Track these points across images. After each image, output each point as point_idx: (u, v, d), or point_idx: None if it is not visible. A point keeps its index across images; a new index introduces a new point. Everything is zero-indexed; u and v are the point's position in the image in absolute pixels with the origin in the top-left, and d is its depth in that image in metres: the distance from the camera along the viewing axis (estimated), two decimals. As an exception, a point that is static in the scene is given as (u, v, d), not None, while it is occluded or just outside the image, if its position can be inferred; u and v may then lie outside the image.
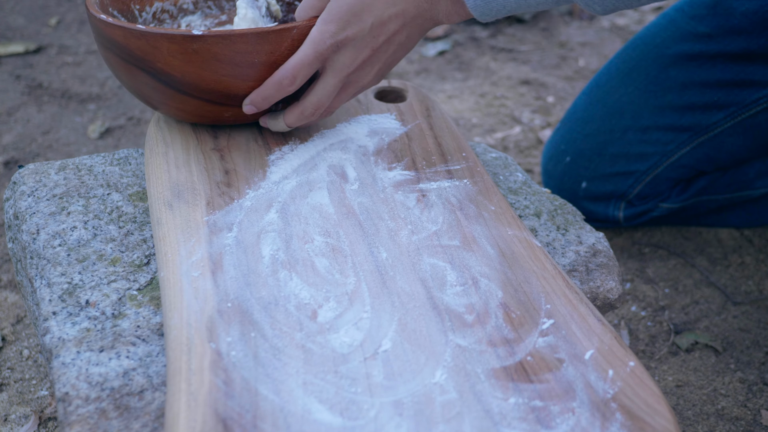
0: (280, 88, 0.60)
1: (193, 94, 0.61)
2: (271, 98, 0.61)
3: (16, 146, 1.28)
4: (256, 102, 0.61)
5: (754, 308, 0.94)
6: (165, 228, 0.55)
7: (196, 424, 0.41)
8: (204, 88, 0.60)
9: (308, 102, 0.62)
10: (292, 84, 0.60)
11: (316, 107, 0.62)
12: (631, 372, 0.46)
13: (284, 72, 0.60)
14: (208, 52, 0.58)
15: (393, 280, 0.52)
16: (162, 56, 0.59)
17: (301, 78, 0.60)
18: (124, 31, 0.59)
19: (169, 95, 0.62)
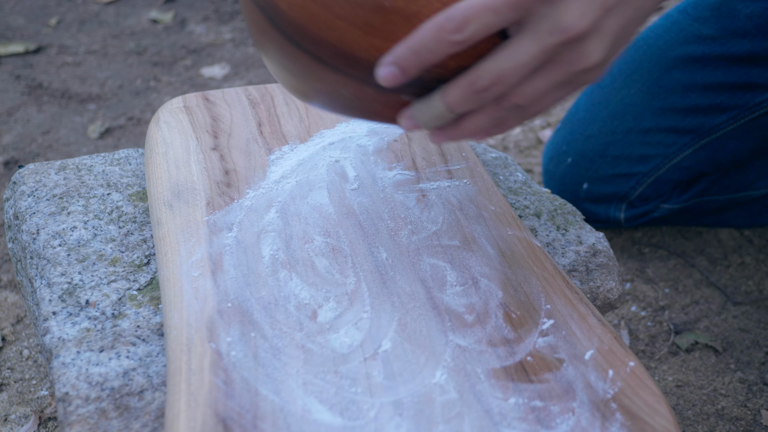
0: (439, 37, 0.39)
1: (301, 43, 0.43)
2: (423, 53, 0.39)
3: (16, 146, 1.28)
4: (401, 59, 0.40)
5: (754, 308, 0.94)
6: (165, 228, 0.55)
7: (196, 424, 0.41)
8: (313, 36, 0.42)
9: (484, 70, 0.40)
10: (458, 31, 0.38)
11: (495, 80, 0.40)
12: (631, 372, 0.46)
13: (450, 13, 0.38)
14: None
15: (393, 280, 0.52)
16: None
17: (476, 27, 0.38)
18: None
19: (275, 43, 0.45)
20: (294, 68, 0.45)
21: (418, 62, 0.40)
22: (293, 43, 0.43)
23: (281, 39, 0.44)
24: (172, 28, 1.82)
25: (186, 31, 1.80)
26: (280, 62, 0.46)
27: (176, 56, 1.66)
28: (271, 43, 0.45)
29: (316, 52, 0.43)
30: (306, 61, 0.44)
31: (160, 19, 1.86)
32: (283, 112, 0.70)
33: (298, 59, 0.44)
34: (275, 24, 0.44)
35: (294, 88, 0.48)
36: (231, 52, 1.70)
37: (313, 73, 0.44)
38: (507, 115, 0.43)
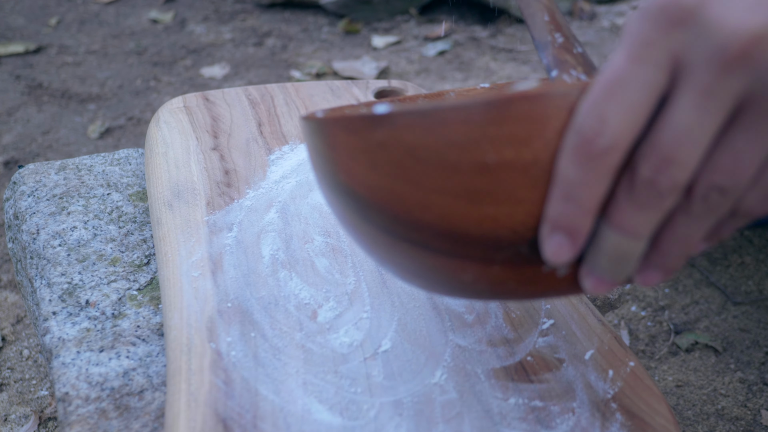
0: (588, 159, 0.29)
1: (394, 232, 0.34)
2: (581, 194, 0.29)
3: (16, 146, 1.28)
4: (565, 221, 0.30)
5: (754, 308, 0.94)
6: (165, 228, 0.55)
7: (196, 424, 0.41)
8: (406, 221, 0.33)
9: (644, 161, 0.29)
10: (601, 133, 0.28)
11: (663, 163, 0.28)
12: (631, 372, 0.46)
13: (584, 117, 0.29)
14: (399, 145, 0.32)
15: (393, 280, 0.52)
16: (341, 160, 0.34)
17: (618, 118, 0.28)
18: (304, 124, 0.37)
19: (367, 235, 0.36)
20: (400, 261, 0.35)
21: (581, 210, 0.30)
22: (387, 233, 0.34)
23: (371, 228, 0.35)
24: (172, 28, 1.82)
25: (186, 31, 1.80)
26: (383, 257, 0.37)
27: (176, 56, 1.66)
28: (364, 236, 0.36)
29: (417, 238, 0.33)
30: (408, 250, 0.34)
31: (160, 19, 1.86)
32: (283, 112, 0.70)
33: (398, 250, 0.35)
34: (361, 214, 0.35)
35: (410, 282, 0.38)
36: (231, 52, 1.70)
37: (421, 263, 0.34)
38: (710, 208, 0.30)
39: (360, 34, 1.80)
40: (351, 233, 0.38)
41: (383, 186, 0.33)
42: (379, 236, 0.35)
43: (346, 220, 0.37)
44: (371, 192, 0.33)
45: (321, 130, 0.35)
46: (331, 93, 0.73)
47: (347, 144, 0.33)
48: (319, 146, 0.36)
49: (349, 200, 0.35)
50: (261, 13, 1.91)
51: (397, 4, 1.89)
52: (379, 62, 1.63)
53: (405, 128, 0.31)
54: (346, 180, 0.34)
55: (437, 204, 0.32)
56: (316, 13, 1.92)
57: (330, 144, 0.34)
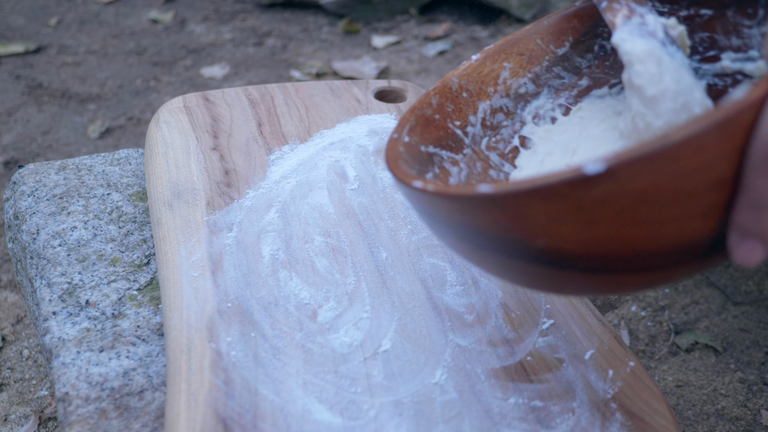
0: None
1: (611, 268, 0.34)
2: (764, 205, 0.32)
3: (16, 146, 1.28)
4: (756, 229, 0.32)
5: (754, 308, 0.94)
6: (165, 228, 0.55)
7: (196, 424, 0.41)
8: (629, 256, 0.33)
9: None
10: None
11: None
12: (631, 372, 0.46)
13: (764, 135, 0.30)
14: (625, 195, 0.31)
15: (393, 279, 0.52)
16: (540, 226, 0.33)
17: None
18: (456, 203, 0.35)
19: (565, 279, 0.36)
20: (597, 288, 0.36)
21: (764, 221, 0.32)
22: (598, 272, 0.34)
23: (574, 274, 0.35)
24: (172, 28, 1.82)
25: (186, 31, 1.80)
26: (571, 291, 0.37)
27: (176, 56, 1.66)
28: (557, 281, 0.36)
29: (637, 265, 0.34)
30: (617, 277, 0.35)
31: (160, 19, 1.86)
32: (283, 112, 0.70)
33: (605, 280, 0.35)
34: (563, 266, 0.35)
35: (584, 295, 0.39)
36: (231, 52, 1.70)
37: (631, 282, 0.35)
38: None
39: (360, 34, 1.80)
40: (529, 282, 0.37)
41: (603, 236, 0.32)
42: (582, 277, 0.35)
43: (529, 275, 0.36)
44: (585, 245, 0.33)
45: (497, 204, 0.33)
46: (331, 93, 0.73)
47: (547, 211, 0.32)
48: (495, 220, 0.34)
49: (547, 259, 0.34)
50: (261, 13, 1.91)
51: (397, 4, 1.89)
52: (379, 62, 1.63)
53: (630, 178, 0.30)
54: (547, 243, 0.33)
55: (670, 232, 0.32)
56: (316, 13, 1.92)
57: (517, 215, 0.33)
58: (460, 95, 0.48)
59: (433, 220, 0.38)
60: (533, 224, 0.33)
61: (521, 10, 1.81)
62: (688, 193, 0.31)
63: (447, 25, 1.81)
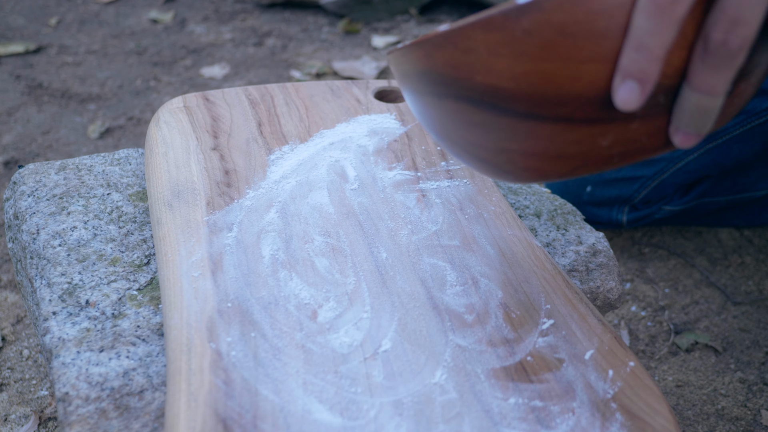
0: (657, 9, 0.33)
1: (540, 113, 0.37)
2: (649, 46, 0.34)
3: (16, 146, 1.28)
4: (635, 68, 0.34)
5: (754, 308, 0.94)
6: (165, 228, 0.55)
7: (196, 424, 0.41)
8: (554, 97, 0.36)
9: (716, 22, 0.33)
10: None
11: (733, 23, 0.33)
12: (631, 372, 0.46)
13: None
14: (548, 27, 0.35)
15: (393, 280, 0.52)
16: (480, 61, 0.37)
17: None
18: (417, 49, 0.40)
19: (504, 130, 0.39)
20: (535, 145, 0.39)
21: (651, 57, 0.34)
22: (530, 118, 0.38)
23: (510, 121, 0.38)
24: (172, 28, 1.82)
25: (186, 31, 1.80)
26: (511, 147, 0.40)
27: (176, 56, 1.66)
28: (497, 133, 0.39)
29: (562, 114, 0.37)
30: (550, 129, 0.38)
31: (160, 19, 1.86)
32: (283, 112, 0.70)
33: (539, 132, 0.38)
34: (500, 109, 0.38)
35: (531, 168, 0.41)
36: (231, 52, 1.70)
37: (561, 138, 0.38)
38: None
39: (360, 34, 1.80)
40: (477, 142, 0.41)
41: (531, 71, 0.36)
42: (518, 125, 0.38)
43: (472, 122, 0.40)
44: (517, 81, 0.36)
45: (452, 41, 0.37)
46: (331, 93, 0.73)
47: (487, 43, 0.36)
48: (449, 59, 0.38)
49: (487, 99, 0.38)
50: (261, 13, 1.91)
51: (397, 4, 1.89)
52: (379, 62, 1.63)
53: (553, 10, 0.34)
54: (486, 79, 0.37)
55: (587, 72, 0.35)
56: (316, 13, 1.92)
57: (466, 49, 0.37)
58: None
59: (406, 79, 0.43)
60: (476, 58, 0.37)
61: (521, 10, 1.81)
62: (601, 32, 0.34)
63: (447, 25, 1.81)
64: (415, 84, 0.42)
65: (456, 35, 0.37)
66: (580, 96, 0.36)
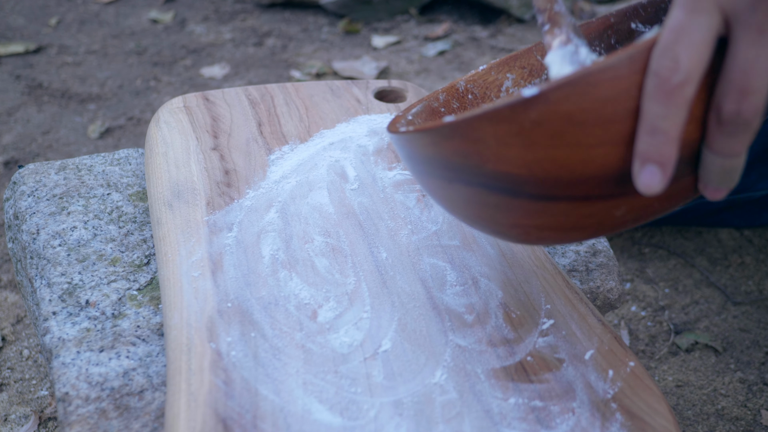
0: (666, 95, 0.35)
1: (554, 195, 0.38)
2: (663, 129, 0.35)
3: (16, 146, 1.28)
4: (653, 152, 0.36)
5: (754, 308, 0.94)
6: (165, 228, 0.55)
7: (196, 424, 0.41)
8: (568, 180, 0.38)
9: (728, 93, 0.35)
10: (675, 70, 0.34)
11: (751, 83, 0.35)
12: (631, 372, 0.46)
13: (658, 60, 0.35)
14: (557, 117, 0.36)
15: (393, 280, 0.52)
16: (491, 150, 0.38)
17: (687, 56, 0.35)
18: (428, 136, 0.40)
19: (518, 210, 0.40)
20: (550, 221, 0.40)
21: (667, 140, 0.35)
22: (544, 199, 0.39)
23: (524, 202, 0.39)
24: (172, 28, 1.82)
25: (186, 31, 1.80)
26: (525, 223, 0.41)
27: (176, 56, 1.66)
28: (511, 212, 0.40)
29: (576, 193, 0.38)
30: (564, 207, 0.39)
31: (160, 19, 1.86)
32: (283, 112, 0.70)
33: (554, 210, 0.39)
34: (514, 192, 0.39)
35: (545, 238, 0.42)
36: (231, 52, 1.70)
37: (576, 213, 0.39)
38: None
39: (360, 34, 1.80)
40: (491, 218, 0.42)
41: (543, 158, 0.37)
42: (532, 206, 0.39)
43: (489, 204, 0.41)
44: (529, 168, 0.37)
45: (457, 132, 0.38)
46: (331, 93, 0.73)
47: (495, 133, 0.37)
48: (457, 148, 0.39)
49: (500, 185, 0.39)
50: (261, 13, 1.91)
51: (397, 4, 1.89)
52: (379, 62, 1.63)
53: (559, 101, 0.35)
54: (497, 167, 0.38)
55: (599, 155, 0.36)
56: (316, 13, 1.92)
57: (472, 139, 0.38)
58: (466, 96, 0.52)
59: (412, 161, 0.43)
60: (486, 148, 0.38)
61: (521, 10, 1.81)
62: (609, 118, 0.36)
63: (447, 25, 1.81)
64: (421, 166, 0.43)
65: (464, 126, 0.38)
66: (593, 177, 0.37)
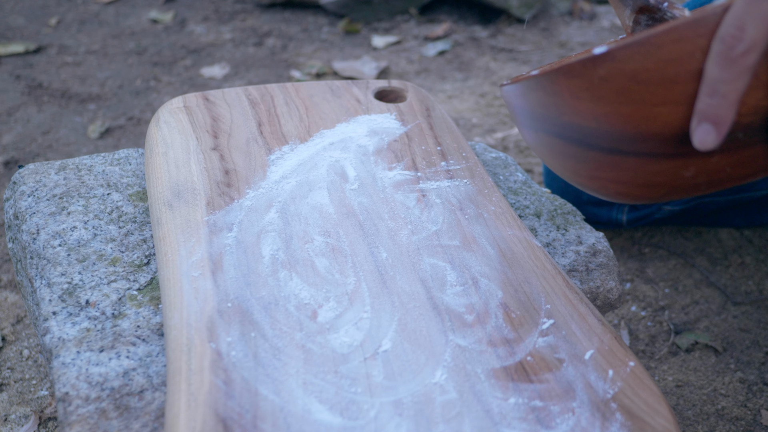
0: (728, 61, 0.37)
1: (622, 149, 0.42)
2: (723, 93, 0.37)
3: (16, 146, 1.28)
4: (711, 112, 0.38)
5: (754, 308, 0.94)
6: (165, 228, 0.55)
7: (196, 424, 0.41)
8: (633, 135, 0.41)
9: None
10: (740, 39, 0.37)
11: None
12: (631, 372, 0.46)
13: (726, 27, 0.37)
14: (622, 75, 0.39)
15: (393, 280, 0.52)
16: (564, 103, 0.42)
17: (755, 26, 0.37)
18: (519, 88, 0.46)
19: (593, 161, 0.44)
20: (622, 175, 0.43)
21: (725, 103, 0.37)
22: (614, 152, 0.42)
23: (596, 154, 0.43)
24: (172, 28, 1.82)
25: (186, 31, 1.80)
26: (601, 176, 0.44)
27: (176, 56, 1.66)
28: (587, 164, 0.44)
29: (643, 149, 0.41)
30: (633, 162, 0.42)
31: (160, 19, 1.86)
32: (283, 112, 0.70)
33: (624, 165, 0.42)
34: (586, 144, 0.43)
35: (622, 193, 0.45)
36: (231, 52, 1.70)
37: (645, 170, 0.42)
38: None
39: (360, 34, 1.80)
40: (570, 167, 0.46)
41: (610, 112, 0.40)
42: (604, 158, 0.42)
43: (567, 154, 0.45)
44: (598, 121, 0.41)
45: (540, 84, 0.43)
46: (331, 93, 0.73)
47: (569, 87, 0.41)
48: (539, 99, 0.43)
49: (574, 135, 0.43)
50: (261, 13, 1.91)
51: (397, 4, 1.89)
52: (379, 62, 1.63)
53: (625, 60, 0.38)
54: (571, 119, 0.42)
55: (661, 113, 0.39)
56: (316, 13, 1.92)
57: (552, 92, 0.42)
58: None
59: (510, 111, 0.49)
60: (561, 100, 0.42)
61: (521, 10, 1.81)
62: (672, 78, 0.38)
63: (447, 25, 1.82)
64: (517, 117, 0.49)
65: (544, 80, 0.42)
66: (657, 134, 0.40)
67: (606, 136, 0.41)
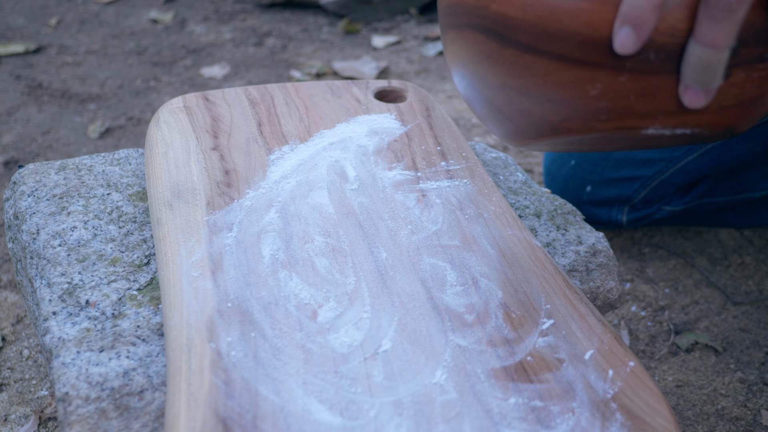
0: None
1: (538, 47, 0.41)
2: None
3: (16, 146, 1.28)
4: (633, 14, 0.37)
5: (754, 308, 0.94)
6: (165, 228, 0.55)
7: (196, 424, 0.41)
8: (554, 32, 0.40)
9: None
10: None
11: None
12: (631, 372, 0.46)
13: None
14: None
15: (393, 280, 0.52)
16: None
17: None
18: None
19: (507, 63, 0.44)
20: (530, 83, 0.43)
21: (647, 5, 0.37)
22: (529, 51, 0.42)
23: (513, 52, 0.43)
24: (172, 28, 1.82)
25: (186, 31, 1.80)
26: (510, 84, 0.44)
27: (176, 56, 1.66)
28: (501, 66, 0.44)
29: (558, 50, 0.41)
30: (545, 65, 0.42)
31: (160, 19, 1.86)
32: (283, 112, 0.70)
33: (535, 68, 0.42)
34: (506, 39, 0.43)
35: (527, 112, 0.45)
36: (231, 52, 1.70)
37: (554, 78, 0.42)
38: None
39: (360, 34, 1.80)
40: (482, 68, 0.46)
41: (537, 2, 0.40)
42: (518, 59, 0.42)
43: (483, 53, 0.45)
44: (524, 11, 0.41)
45: None
46: (331, 93, 0.73)
47: None
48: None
49: (497, 28, 0.43)
50: (261, 13, 1.91)
51: (397, 4, 1.89)
52: (379, 62, 1.63)
53: None
54: (499, 8, 0.42)
55: (585, 10, 0.39)
56: (316, 13, 1.92)
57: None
58: None
59: (442, 17, 0.49)
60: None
61: (521, 10, 1.81)
62: None
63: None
64: (444, 19, 0.49)
65: None
66: (576, 34, 0.40)
67: (527, 28, 0.41)
